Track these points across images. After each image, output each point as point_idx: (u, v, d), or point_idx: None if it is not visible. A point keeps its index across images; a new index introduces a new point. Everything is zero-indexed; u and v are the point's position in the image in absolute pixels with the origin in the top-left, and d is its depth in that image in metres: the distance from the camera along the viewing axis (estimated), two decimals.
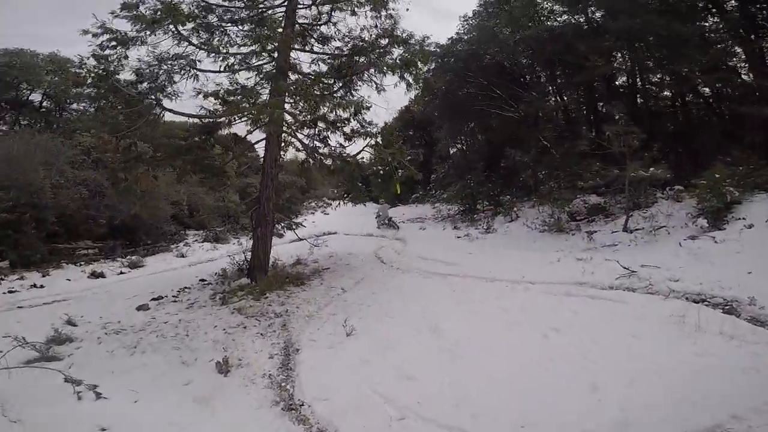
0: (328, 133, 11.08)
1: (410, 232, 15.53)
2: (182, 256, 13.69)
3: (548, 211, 13.69)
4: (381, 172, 12.70)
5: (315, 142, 10.96)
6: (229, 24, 8.84)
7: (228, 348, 5.83)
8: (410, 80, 9.56)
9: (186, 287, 9.22)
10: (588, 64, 12.80)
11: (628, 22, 10.82)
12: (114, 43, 7.90)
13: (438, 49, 19.34)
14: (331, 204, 34.30)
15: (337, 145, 10.93)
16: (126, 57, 8.16)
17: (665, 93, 14.73)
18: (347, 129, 11.16)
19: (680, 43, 10.58)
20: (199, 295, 8.56)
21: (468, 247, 11.53)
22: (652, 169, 9.54)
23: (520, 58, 18.32)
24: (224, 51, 8.88)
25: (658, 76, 13.83)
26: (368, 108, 10.84)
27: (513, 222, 14.36)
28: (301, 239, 10.98)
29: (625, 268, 7.60)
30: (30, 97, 19.69)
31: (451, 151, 28.09)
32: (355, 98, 10.42)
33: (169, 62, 8.78)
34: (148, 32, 7.96)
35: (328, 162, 11.02)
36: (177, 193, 16.86)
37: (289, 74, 9.43)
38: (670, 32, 10.33)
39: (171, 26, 8.00)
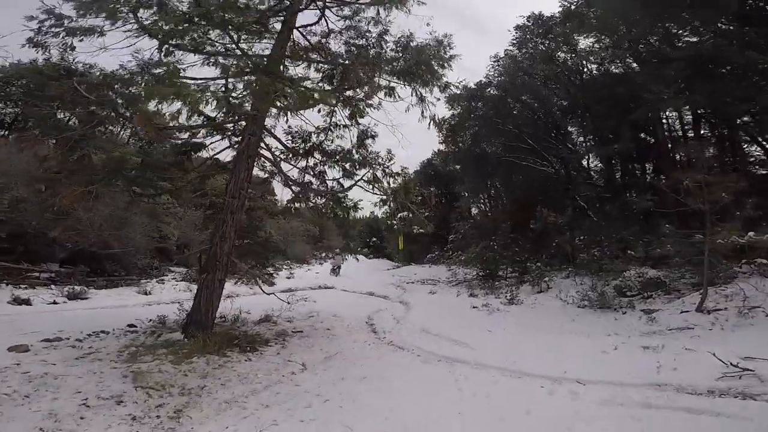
0: (325, 167, 9.05)
1: (418, 295, 12.88)
2: (145, 293, 11.52)
3: (588, 283, 10.98)
4: (391, 223, 10.66)
5: (308, 175, 8.98)
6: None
7: None
8: (426, 94, 7.51)
9: (105, 331, 6.90)
10: (647, 97, 10.47)
11: (696, 46, 8.72)
12: (57, 29, 6.38)
13: (463, 91, 18.10)
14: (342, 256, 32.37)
15: (334, 183, 8.82)
16: (73, 48, 6.63)
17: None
18: (347, 164, 8.90)
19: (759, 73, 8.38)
20: (110, 343, 6.19)
21: (486, 322, 8.79)
22: (751, 233, 6.87)
23: (553, 107, 16.56)
24: (209, 48, 7.26)
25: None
26: (373, 137, 9.07)
27: (543, 294, 11.58)
28: (268, 294, 8.56)
29: (729, 363, 4.92)
30: None
31: (474, 212, 25.88)
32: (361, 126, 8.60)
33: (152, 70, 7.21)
34: (107, 22, 6.47)
35: (320, 201, 9.00)
36: (167, 226, 15.12)
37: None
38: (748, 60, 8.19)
39: (128, 14, 6.46)
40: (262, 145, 7.87)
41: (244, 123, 7.37)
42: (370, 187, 8.30)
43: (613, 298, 9.26)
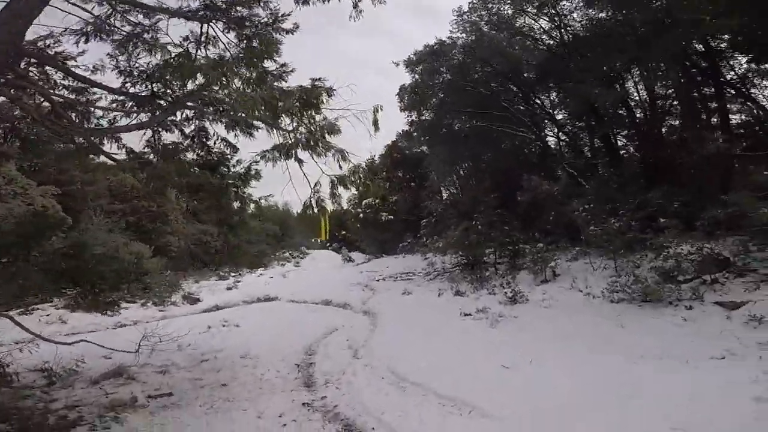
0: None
1: (389, 298, 9.59)
2: None
3: (610, 266, 8.07)
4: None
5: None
6: None
7: None
8: None
9: None
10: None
11: None
12: None
13: (424, 55, 14.81)
14: (307, 255, 28.45)
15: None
16: None
17: None
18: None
19: None
20: None
21: (491, 342, 5.51)
22: None
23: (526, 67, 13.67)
24: None
25: None
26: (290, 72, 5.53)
27: (551, 284, 8.55)
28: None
29: None
30: None
31: (445, 195, 22.76)
32: None
33: None
34: None
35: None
36: None
37: None
38: None
39: None
40: None
41: None
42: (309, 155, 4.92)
43: (660, 287, 6.31)
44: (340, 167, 4.83)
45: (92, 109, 4.85)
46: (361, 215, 20.68)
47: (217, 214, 5.98)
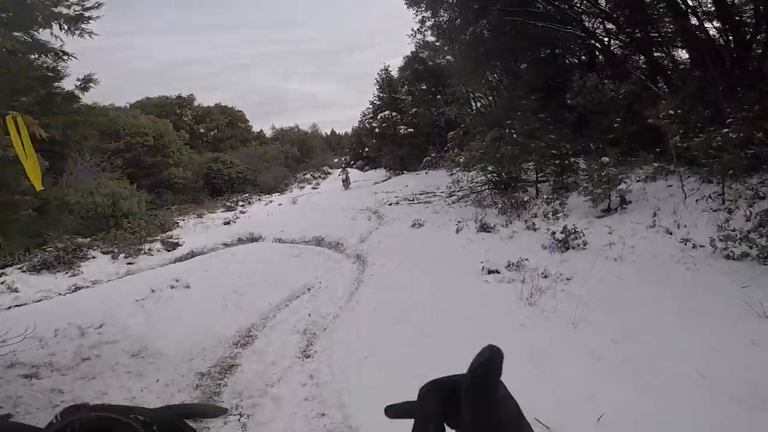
0: None
1: (393, 233, 7.34)
2: None
3: (706, 191, 5.21)
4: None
5: None
6: None
7: None
8: None
9: None
10: None
11: None
12: None
13: None
14: (329, 175, 26.25)
15: None
16: None
17: None
18: None
19: None
20: None
21: (534, 350, 3.19)
22: None
23: None
24: None
25: None
26: None
27: (618, 214, 5.86)
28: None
29: None
30: None
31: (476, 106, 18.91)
32: None
33: None
34: None
35: None
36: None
37: None
38: None
39: None
40: None
41: None
42: None
43: None
44: None
45: None
46: (377, 130, 17.70)
47: None
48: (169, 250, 8.36)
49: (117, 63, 63.95)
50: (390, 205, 10.98)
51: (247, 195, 17.13)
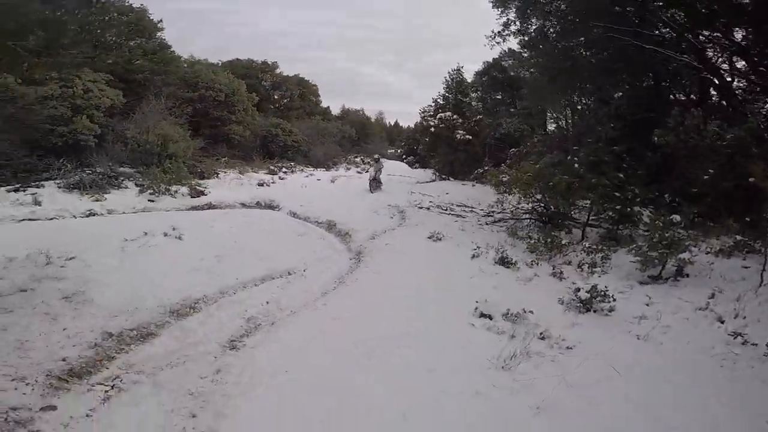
0: None
1: (407, 241, 6.67)
2: None
3: None
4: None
5: None
6: None
7: None
8: None
9: None
10: None
11: None
12: None
13: None
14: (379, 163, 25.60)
15: None
16: None
17: None
18: None
19: None
20: None
21: None
22: None
23: None
24: None
25: None
26: None
27: (668, 285, 4.74)
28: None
29: None
30: None
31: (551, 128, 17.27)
32: None
33: None
34: None
35: None
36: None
37: None
38: None
39: None
40: None
41: None
42: None
43: None
44: None
45: None
46: (433, 129, 16.90)
47: None
48: (193, 197, 8.45)
49: (219, 25, 69.16)
50: (420, 208, 10.29)
51: (293, 164, 17.31)
